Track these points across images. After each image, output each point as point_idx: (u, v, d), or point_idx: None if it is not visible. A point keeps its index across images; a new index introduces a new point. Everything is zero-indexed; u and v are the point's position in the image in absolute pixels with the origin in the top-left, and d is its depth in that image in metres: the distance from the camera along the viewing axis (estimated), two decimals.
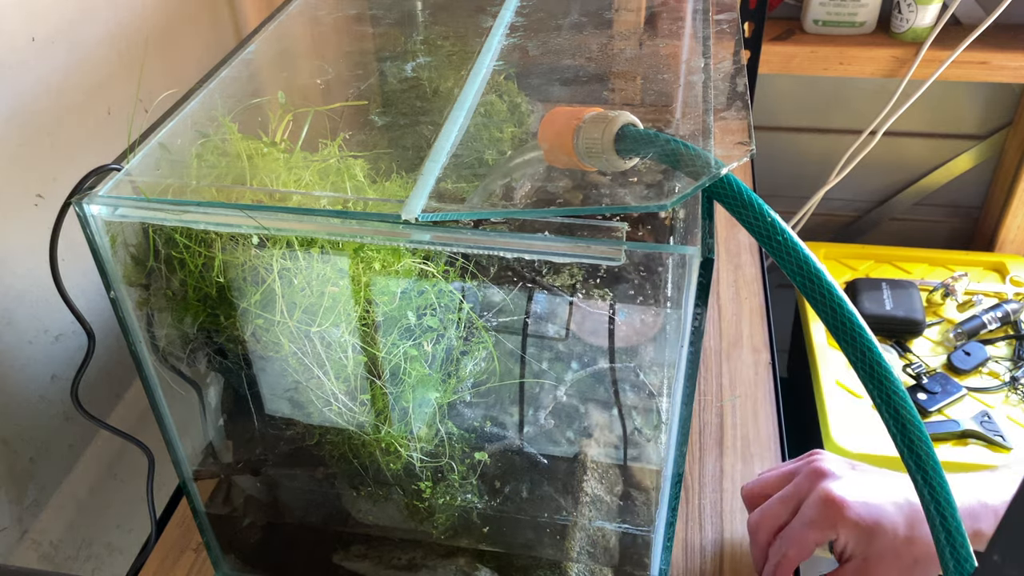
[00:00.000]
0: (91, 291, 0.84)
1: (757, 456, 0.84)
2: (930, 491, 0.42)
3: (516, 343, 0.61)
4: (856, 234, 1.74)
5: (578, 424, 0.64)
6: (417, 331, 0.58)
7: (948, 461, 1.15)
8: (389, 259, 0.55)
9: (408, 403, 0.60)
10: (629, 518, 0.66)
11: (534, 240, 0.48)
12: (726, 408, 0.90)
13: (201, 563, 0.76)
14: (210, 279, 0.55)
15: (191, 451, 0.67)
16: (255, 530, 0.74)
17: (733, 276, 1.08)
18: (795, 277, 0.43)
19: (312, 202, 0.54)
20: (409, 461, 0.62)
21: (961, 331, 1.31)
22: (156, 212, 0.52)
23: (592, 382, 0.63)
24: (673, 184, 0.52)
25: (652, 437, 0.63)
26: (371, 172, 0.60)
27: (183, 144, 0.58)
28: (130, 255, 0.57)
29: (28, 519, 0.85)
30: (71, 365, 0.89)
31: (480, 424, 0.63)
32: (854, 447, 1.17)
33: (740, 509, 0.79)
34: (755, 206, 0.43)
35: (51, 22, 0.82)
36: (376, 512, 0.67)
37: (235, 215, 0.51)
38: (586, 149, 0.46)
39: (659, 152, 0.45)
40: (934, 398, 1.21)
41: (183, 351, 0.62)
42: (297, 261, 0.54)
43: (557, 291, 0.59)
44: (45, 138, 0.82)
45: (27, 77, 0.79)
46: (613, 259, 0.47)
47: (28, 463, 0.84)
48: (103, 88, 0.90)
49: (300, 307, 0.55)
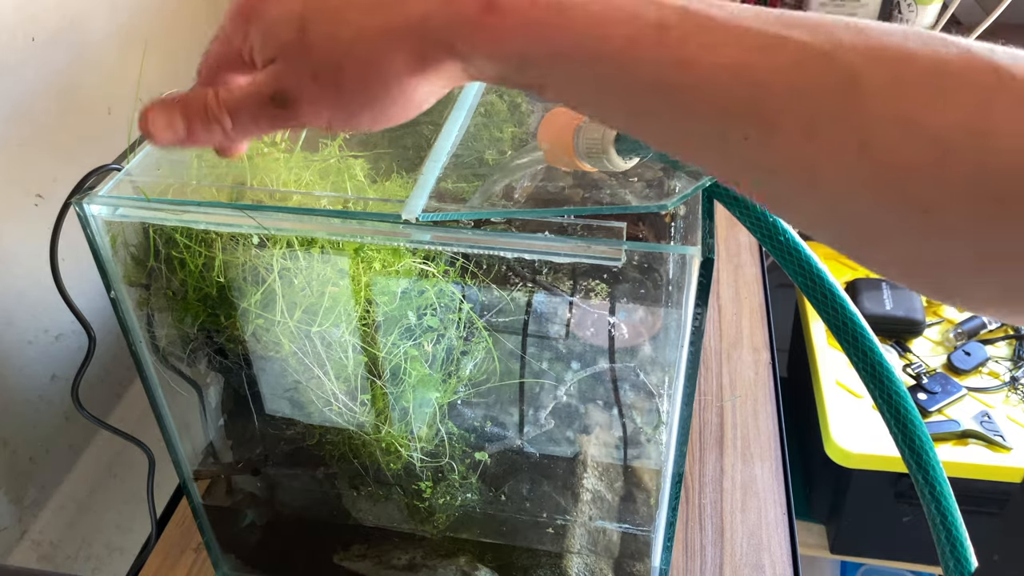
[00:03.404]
0: (91, 291, 0.84)
1: (757, 456, 0.84)
2: (930, 491, 0.42)
3: (516, 343, 0.61)
4: None
5: (578, 424, 0.64)
6: (417, 331, 0.58)
7: (948, 461, 1.15)
8: (389, 259, 0.55)
9: (408, 403, 0.60)
10: (629, 518, 0.66)
11: (534, 240, 0.48)
12: (726, 408, 0.90)
13: (201, 563, 0.76)
14: (210, 279, 0.55)
15: (191, 451, 0.67)
16: (255, 530, 0.74)
17: (733, 276, 1.08)
18: (797, 278, 0.43)
19: (312, 202, 0.54)
20: (409, 461, 0.62)
21: (961, 331, 1.31)
22: (156, 212, 0.52)
23: (592, 382, 0.63)
24: (674, 184, 0.52)
25: (652, 437, 0.63)
26: (371, 172, 0.60)
27: None
28: (130, 255, 0.57)
29: (28, 519, 0.85)
30: (71, 365, 0.88)
31: (480, 424, 0.63)
32: (854, 447, 1.17)
33: (740, 509, 0.79)
34: (756, 206, 0.43)
35: (51, 22, 0.81)
36: (376, 512, 0.67)
37: (235, 215, 0.51)
38: (586, 149, 0.46)
39: (659, 152, 0.44)
40: (934, 398, 1.21)
41: (183, 351, 0.62)
42: (297, 261, 0.54)
43: (557, 291, 0.59)
44: (45, 138, 0.82)
45: (27, 77, 0.79)
46: (613, 259, 0.47)
47: (28, 463, 0.84)
48: (103, 88, 0.90)
49: (300, 307, 0.55)
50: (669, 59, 0.30)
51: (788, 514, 0.79)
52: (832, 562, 1.54)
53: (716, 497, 0.80)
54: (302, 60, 0.37)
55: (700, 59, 0.29)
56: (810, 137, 0.28)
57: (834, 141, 0.27)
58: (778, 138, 0.28)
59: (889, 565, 1.39)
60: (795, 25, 0.29)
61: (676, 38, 0.30)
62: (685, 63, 0.30)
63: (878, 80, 0.27)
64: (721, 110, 0.29)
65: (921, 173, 0.26)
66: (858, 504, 1.28)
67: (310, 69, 0.37)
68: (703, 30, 0.30)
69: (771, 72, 0.28)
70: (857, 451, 1.17)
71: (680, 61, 0.30)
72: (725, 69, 0.29)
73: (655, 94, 0.31)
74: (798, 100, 0.28)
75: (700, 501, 0.80)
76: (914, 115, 0.26)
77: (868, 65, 0.27)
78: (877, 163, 0.27)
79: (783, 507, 0.80)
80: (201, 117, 0.39)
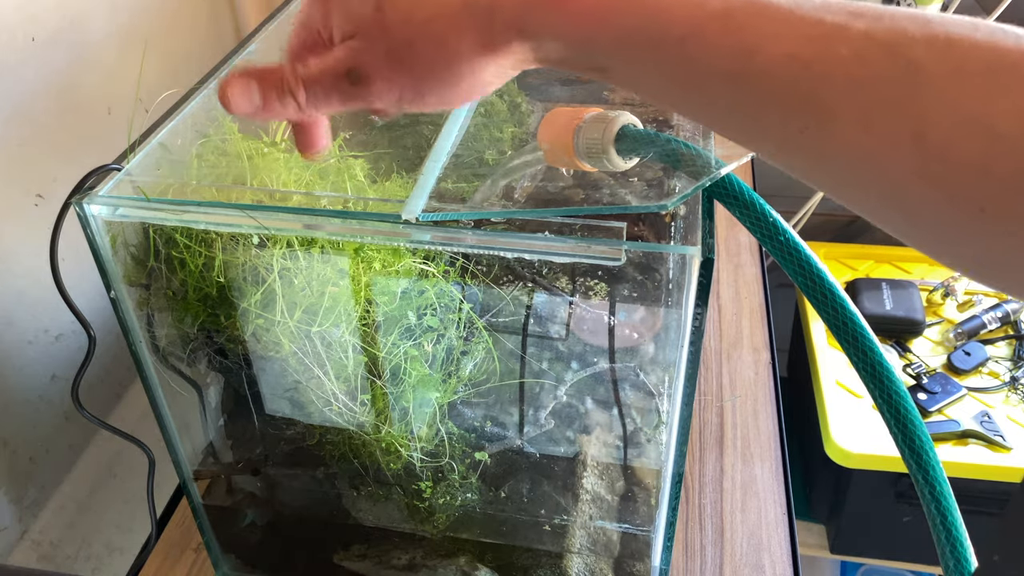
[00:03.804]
0: (91, 291, 0.84)
1: (757, 456, 0.84)
2: (930, 491, 0.42)
3: (516, 343, 0.61)
4: (856, 234, 1.74)
5: (578, 424, 0.64)
6: (417, 331, 0.58)
7: (948, 461, 1.15)
8: (389, 259, 0.55)
9: (408, 403, 0.60)
10: (629, 518, 0.66)
11: (534, 240, 0.48)
12: (726, 408, 0.90)
13: (201, 563, 0.76)
14: (210, 279, 0.55)
15: (191, 451, 0.67)
16: (255, 530, 0.74)
17: (733, 276, 1.08)
18: (797, 278, 0.43)
19: (312, 202, 0.54)
20: (409, 461, 0.62)
21: (961, 331, 1.31)
22: (156, 212, 0.52)
23: (592, 382, 0.63)
24: (674, 184, 0.52)
25: (652, 437, 0.63)
26: (371, 172, 0.60)
27: (183, 144, 0.58)
28: (130, 255, 0.57)
29: (28, 519, 0.85)
30: (71, 365, 0.88)
31: (480, 424, 0.63)
32: (854, 447, 1.17)
33: (740, 509, 0.79)
34: (757, 206, 0.43)
35: (51, 22, 0.81)
36: (376, 512, 0.67)
37: (235, 215, 0.51)
38: (586, 149, 0.46)
39: (659, 152, 0.44)
40: (934, 398, 1.21)
41: (183, 351, 0.62)
42: (297, 261, 0.54)
43: (557, 291, 0.59)
44: (45, 138, 0.82)
45: (27, 77, 0.79)
46: (613, 259, 0.47)
47: (28, 463, 0.84)
48: (103, 88, 0.90)
49: (300, 307, 0.55)
50: (733, 47, 0.30)
51: (788, 514, 0.79)
52: (832, 562, 1.54)
53: (716, 497, 0.80)
54: (378, 38, 0.38)
55: (764, 48, 0.30)
56: (867, 127, 0.28)
57: (890, 131, 0.27)
58: (836, 128, 0.28)
59: (889, 565, 1.39)
60: (859, 14, 0.29)
61: (740, 26, 0.30)
62: (749, 52, 0.30)
63: (939, 71, 0.27)
64: (782, 100, 0.29)
65: (973, 166, 0.25)
66: (858, 504, 1.28)
67: (385, 47, 0.37)
68: (767, 19, 0.30)
69: (833, 64, 0.28)
70: (857, 451, 1.17)
71: (744, 50, 0.30)
72: (788, 59, 0.29)
73: (717, 81, 0.31)
74: (858, 91, 0.28)
75: (700, 501, 0.80)
76: (969, 107, 0.26)
77: (930, 56, 0.27)
78: (929, 154, 0.26)
79: (783, 507, 0.80)
80: (277, 89, 0.40)
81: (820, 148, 0.29)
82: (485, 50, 0.36)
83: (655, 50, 0.32)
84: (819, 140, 0.29)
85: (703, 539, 0.76)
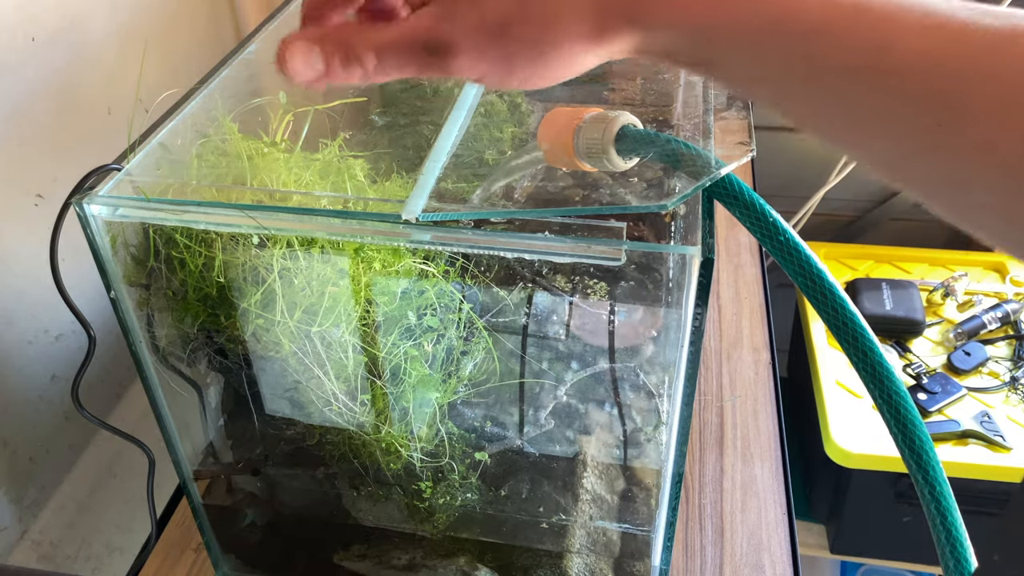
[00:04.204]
0: (91, 291, 0.84)
1: (757, 456, 0.84)
2: (930, 491, 0.42)
3: (516, 343, 0.61)
4: (856, 234, 1.74)
5: (578, 424, 0.64)
6: (417, 331, 0.58)
7: (948, 461, 1.15)
8: (389, 259, 0.55)
9: (408, 403, 0.60)
10: (629, 517, 0.66)
11: (534, 240, 0.48)
12: (726, 408, 0.90)
13: (201, 563, 0.76)
14: (210, 279, 0.55)
15: (191, 451, 0.67)
16: (255, 530, 0.74)
17: (733, 276, 1.08)
18: (797, 278, 0.43)
19: (312, 202, 0.54)
20: (409, 461, 0.62)
21: (961, 331, 1.31)
22: (156, 212, 0.52)
23: (592, 382, 0.63)
24: (674, 184, 0.52)
25: (652, 437, 0.63)
26: (371, 172, 0.60)
27: (183, 144, 0.58)
28: (130, 255, 0.57)
29: (28, 519, 0.85)
30: (71, 365, 0.88)
31: (480, 424, 0.63)
32: (854, 447, 1.17)
33: (740, 509, 0.79)
34: (757, 206, 0.43)
35: (51, 22, 0.81)
36: (376, 512, 0.67)
37: (235, 215, 0.51)
38: (586, 149, 0.46)
39: (659, 152, 0.44)
40: (934, 398, 1.21)
41: (183, 351, 0.62)
42: (297, 261, 0.54)
43: (557, 291, 0.59)
44: (45, 138, 0.82)
45: (27, 77, 0.79)
46: (613, 259, 0.47)
47: (28, 463, 0.84)
48: (103, 88, 0.90)
49: (300, 307, 0.55)
50: (865, 42, 0.29)
51: (788, 514, 0.79)
52: (832, 562, 1.54)
53: (716, 497, 0.80)
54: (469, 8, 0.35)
55: (898, 44, 0.29)
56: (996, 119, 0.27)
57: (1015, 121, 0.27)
58: (968, 122, 0.28)
59: (889, 565, 1.39)
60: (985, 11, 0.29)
61: (874, 20, 0.29)
62: (883, 48, 0.29)
63: None
64: (917, 97, 0.29)
65: None
66: (858, 504, 1.28)
67: (476, 20, 0.35)
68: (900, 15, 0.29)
69: (966, 59, 0.28)
70: (857, 451, 1.17)
71: (878, 46, 0.29)
72: (924, 56, 0.29)
73: (840, 76, 0.30)
74: (989, 85, 0.28)
75: (700, 501, 0.80)
76: None
77: None
78: None
79: (783, 507, 0.80)
80: (342, 55, 0.38)
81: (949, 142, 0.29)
82: (591, 36, 0.34)
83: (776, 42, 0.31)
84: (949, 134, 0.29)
85: (703, 539, 0.76)
